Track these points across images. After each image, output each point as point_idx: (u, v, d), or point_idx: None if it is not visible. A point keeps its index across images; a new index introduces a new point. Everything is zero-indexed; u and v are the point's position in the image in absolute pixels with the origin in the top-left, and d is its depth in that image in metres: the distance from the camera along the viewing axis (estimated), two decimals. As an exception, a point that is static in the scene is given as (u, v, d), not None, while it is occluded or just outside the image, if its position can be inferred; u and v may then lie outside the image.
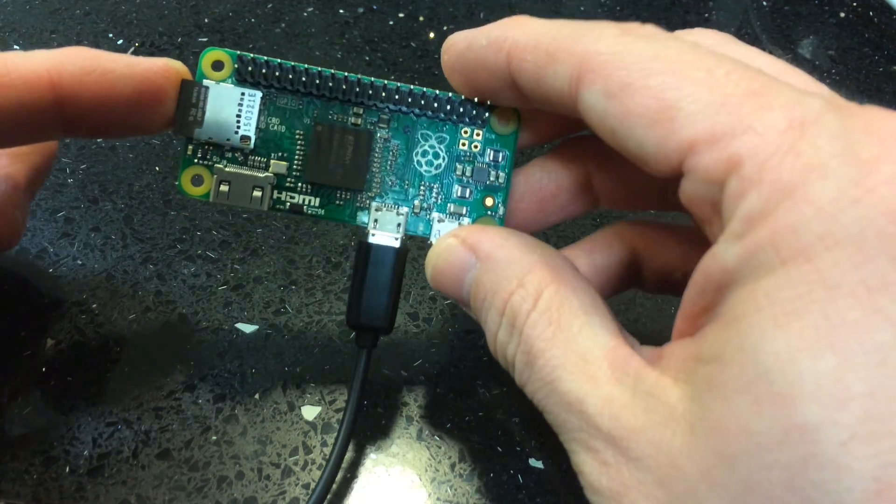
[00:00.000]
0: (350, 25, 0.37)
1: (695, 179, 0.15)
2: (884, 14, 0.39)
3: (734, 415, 0.14)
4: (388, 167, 0.22)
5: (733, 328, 0.14)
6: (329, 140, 0.22)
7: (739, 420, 0.14)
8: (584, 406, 0.16)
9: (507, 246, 0.19)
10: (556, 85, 0.18)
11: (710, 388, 0.14)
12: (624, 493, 0.15)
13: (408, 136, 0.22)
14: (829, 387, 0.13)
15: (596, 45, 0.17)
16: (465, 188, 0.22)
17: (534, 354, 0.18)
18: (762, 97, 0.15)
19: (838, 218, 0.13)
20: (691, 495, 0.14)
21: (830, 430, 0.12)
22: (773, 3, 0.40)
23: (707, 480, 0.14)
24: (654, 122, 0.16)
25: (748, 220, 0.14)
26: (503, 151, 0.22)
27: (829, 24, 0.39)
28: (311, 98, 0.22)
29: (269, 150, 0.22)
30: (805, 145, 0.14)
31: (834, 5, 0.40)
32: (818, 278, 0.13)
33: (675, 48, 0.16)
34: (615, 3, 0.39)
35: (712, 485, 0.14)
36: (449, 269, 0.20)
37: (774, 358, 0.13)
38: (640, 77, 0.16)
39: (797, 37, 0.38)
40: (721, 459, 0.14)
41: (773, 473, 0.13)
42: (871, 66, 0.37)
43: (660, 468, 0.15)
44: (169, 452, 0.23)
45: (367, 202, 0.22)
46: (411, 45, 0.36)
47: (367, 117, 0.22)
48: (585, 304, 0.18)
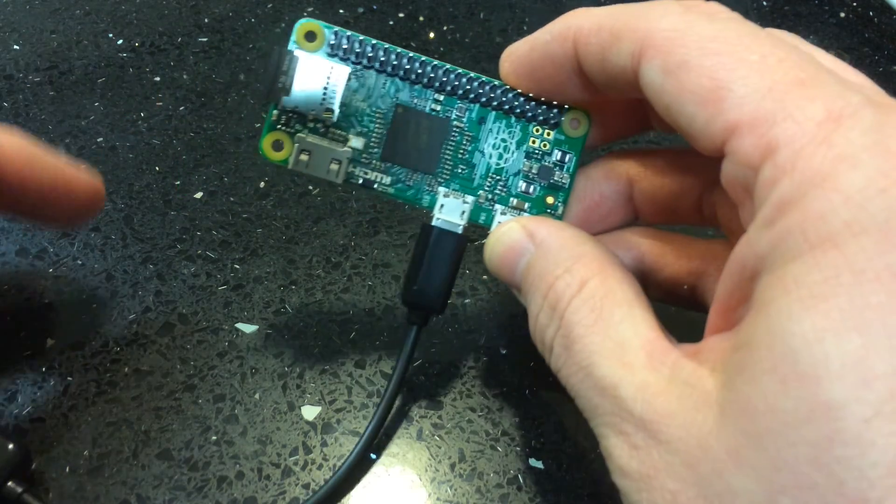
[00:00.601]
0: (350, 25, 0.37)
1: (734, 161, 0.16)
2: (884, 14, 0.39)
3: (762, 395, 0.14)
4: (459, 155, 0.23)
5: (762, 312, 0.15)
6: (407, 122, 0.22)
7: (767, 399, 0.14)
8: (618, 391, 0.17)
9: (561, 235, 0.20)
10: (620, 63, 0.18)
11: (741, 372, 0.15)
12: (653, 475, 0.16)
13: (482, 128, 0.23)
14: (854, 366, 0.13)
15: (659, 21, 0.17)
16: (529, 184, 0.23)
17: (572, 339, 0.18)
18: (808, 87, 0.15)
19: (865, 206, 0.14)
20: (718, 475, 0.15)
21: (855, 407, 0.13)
22: (773, 3, 0.40)
23: (734, 460, 0.14)
24: (706, 100, 0.16)
25: (779, 207, 0.15)
26: (571, 154, 0.23)
27: (829, 24, 0.39)
28: (396, 79, 0.22)
29: (350, 125, 0.22)
30: (839, 137, 0.14)
31: (834, 5, 0.40)
32: (845, 263, 0.13)
33: (734, 30, 0.17)
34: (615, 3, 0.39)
35: (740, 464, 0.14)
36: (506, 253, 0.21)
37: (801, 339, 0.13)
38: (698, 56, 0.16)
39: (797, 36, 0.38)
40: (749, 439, 0.14)
41: (800, 450, 0.13)
42: (871, 66, 0.37)
43: (688, 450, 0.15)
44: (169, 452, 0.23)
45: (435, 186, 0.23)
46: (411, 45, 0.36)
47: (447, 105, 0.23)
48: (629, 296, 0.18)
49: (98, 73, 0.36)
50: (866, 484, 0.13)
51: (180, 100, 0.35)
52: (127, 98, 0.35)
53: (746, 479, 0.14)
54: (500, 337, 0.27)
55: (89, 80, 0.36)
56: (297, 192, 0.31)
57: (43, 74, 0.36)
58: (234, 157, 0.33)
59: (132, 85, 0.35)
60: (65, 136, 0.33)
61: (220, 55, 0.35)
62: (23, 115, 0.34)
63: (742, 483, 0.14)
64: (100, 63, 0.36)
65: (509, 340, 0.27)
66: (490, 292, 0.28)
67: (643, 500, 0.16)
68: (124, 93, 0.35)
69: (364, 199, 0.30)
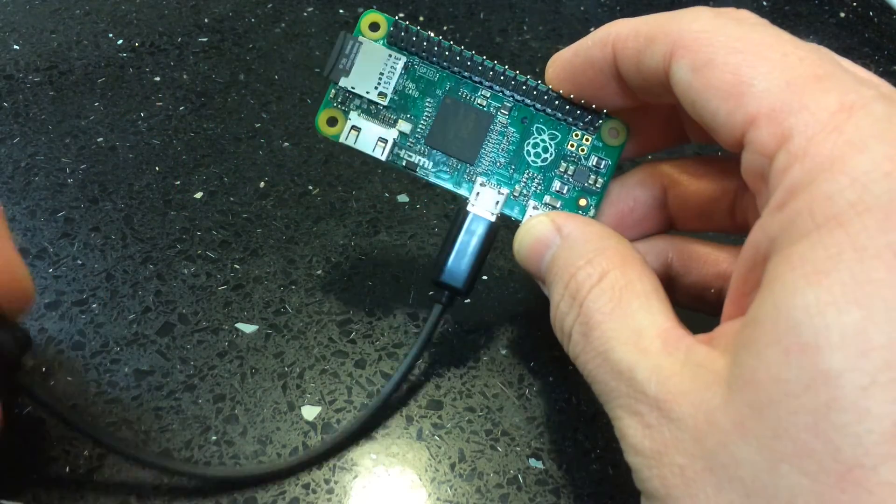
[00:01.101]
0: (350, 25, 0.37)
1: (751, 151, 0.17)
2: (884, 14, 0.39)
3: (766, 366, 0.15)
4: (500, 149, 0.24)
5: (768, 289, 0.15)
6: (454, 113, 0.24)
7: (770, 370, 0.14)
8: (633, 373, 0.17)
9: (587, 230, 0.21)
10: (653, 64, 0.19)
11: (747, 346, 0.15)
12: (663, 451, 0.16)
13: (524, 127, 0.24)
14: (853, 337, 0.13)
15: (690, 24, 0.18)
16: (563, 185, 0.24)
17: (591, 326, 0.19)
18: (824, 81, 0.16)
19: (870, 188, 0.14)
20: (724, 447, 0.15)
21: (852, 376, 0.13)
22: (773, 3, 0.40)
23: (739, 431, 0.15)
24: (729, 95, 0.17)
25: (790, 191, 0.15)
26: (607, 160, 0.24)
27: (829, 24, 0.39)
28: (448, 73, 0.24)
29: (400, 110, 0.24)
30: (849, 126, 0.15)
31: (834, 5, 0.40)
32: (848, 241, 0.14)
33: (760, 32, 0.18)
34: (615, 3, 0.39)
35: (744, 434, 0.15)
36: (534, 244, 0.22)
37: (804, 311, 0.14)
38: (723, 54, 0.17)
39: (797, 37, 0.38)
40: (753, 410, 0.15)
41: (800, 418, 0.14)
42: (872, 66, 0.37)
43: (697, 426, 0.16)
44: (169, 452, 0.23)
45: (473, 176, 0.24)
46: (411, 45, 0.36)
47: (493, 101, 0.24)
48: (647, 289, 0.19)
49: (98, 73, 0.36)
50: (861, 451, 0.13)
51: (180, 100, 0.35)
52: (127, 98, 0.35)
53: (749, 449, 0.15)
54: (500, 337, 0.27)
55: (89, 80, 0.36)
56: (297, 192, 0.31)
57: (43, 74, 0.36)
58: (234, 157, 0.33)
59: (132, 85, 0.35)
60: (65, 136, 0.33)
61: (220, 55, 0.35)
62: (23, 115, 0.34)
63: (745, 453, 0.15)
64: (100, 63, 0.36)
65: (509, 340, 0.27)
66: (490, 292, 0.28)
67: (654, 477, 0.17)
68: (124, 93, 0.35)
69: (364, 199, 0.30)
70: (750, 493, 0.15)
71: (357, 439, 0.24)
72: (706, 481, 0.15)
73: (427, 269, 0.28)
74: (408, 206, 0.30)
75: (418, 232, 0.29)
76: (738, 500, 0.15)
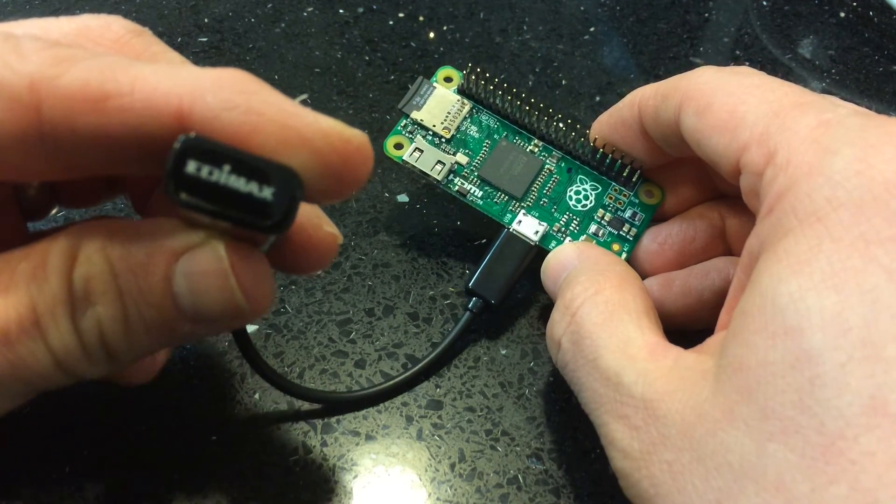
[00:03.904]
0: (350, 25, 0.37)
1: (746, 173, 0.19)
2: (884, 14, 0.39)
3: (753, 352, 0.16)
4: (545, 191, 0.27)
5: (756, 283, 0.16)
6: (508, 153, 0.27)
7: (758, 355, 0.15)
8: (620, 378, 0.18)
9: (601, 258, 0.23)
10: (668, 116, 0.22)
11: (735, 337, 0.16)
12: (651, 451, 0.17)
13: (569, 175, 0.27)
14: (832, 319, 0.15)
15: (696, 79, 0.21)
16: (600, 229, 0.26)
17: (582, 335, 0.20)
18: (805, 106, 0.18)
19: (843, 185, 0.16)
20: (712, 435, 0.16)
21: (832, 354, 0.15)
22: (773, 3, 0.40)
23: (728, 418, 0.16)
24: (725, 129, 0.19)
25: (776, 196, 0.17)
26: (641, 215, 0.26)
27: (829, 24, 0.39)
28: (507, 123, 0.28)
29: (459, 146, 0.27)
30: (826, 137, 0.17)
31: (834, 5, 0.40)
32: (826, 233, 0.16)
33: (756, 79, 0.20)
34: (615, 3, 0.39)
35: (733, 420, 0.15)
36: (555, 266, 0.24)
37: (788, 297, 0.15)
38: (720, 97, 0.20)
39: (797, 37, 0.38)
40: (741, 395, 0.16)
41: (787, 396, 0.15)
42: (871, 66, 0.37)
43: (684, 420, 0.16)
44: (169, 452, 0.23)
45: (518, 209, 0.26)
46: (411, 45, 0.36)
47: (543, 150, 0.27)
48: (640, 309, 0.20)
49: (98, 73, 0.36)
50: (843, 423, 0.14)
51: (180, 100, 0.35)
52: (127, 98, 0.35)
53: (737, 433, 0.15)
54: (500, 337, 0.27)
55: (89, 80, 0.36)
56: (297, 192, 0.31)
57: (43, 74, 0.36)
58: (234, 157, 0.33)
59: (132, 85, 0.35)
60: (65, 136, 0.33)
61: (220, 55, 0.35)
62: (23, 115, 0.34)
63: (733, 437, 0.15)
64: (100, 63, 0.36)
65: (509, 341, 0.27)
66: (490, 292, 0.28)
67: (643, 478, 0.17)
68: (124, 93, 0.35)
69: (364, 199, 0.30)
70: (738, 476, 0.15)
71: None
72: (694, 472, 0.16)
73: (427, 268, 0.28)
74: (408, 206, 0.30)
75: (418, 232, 0.29)
76: (726, 485, 0.15)
